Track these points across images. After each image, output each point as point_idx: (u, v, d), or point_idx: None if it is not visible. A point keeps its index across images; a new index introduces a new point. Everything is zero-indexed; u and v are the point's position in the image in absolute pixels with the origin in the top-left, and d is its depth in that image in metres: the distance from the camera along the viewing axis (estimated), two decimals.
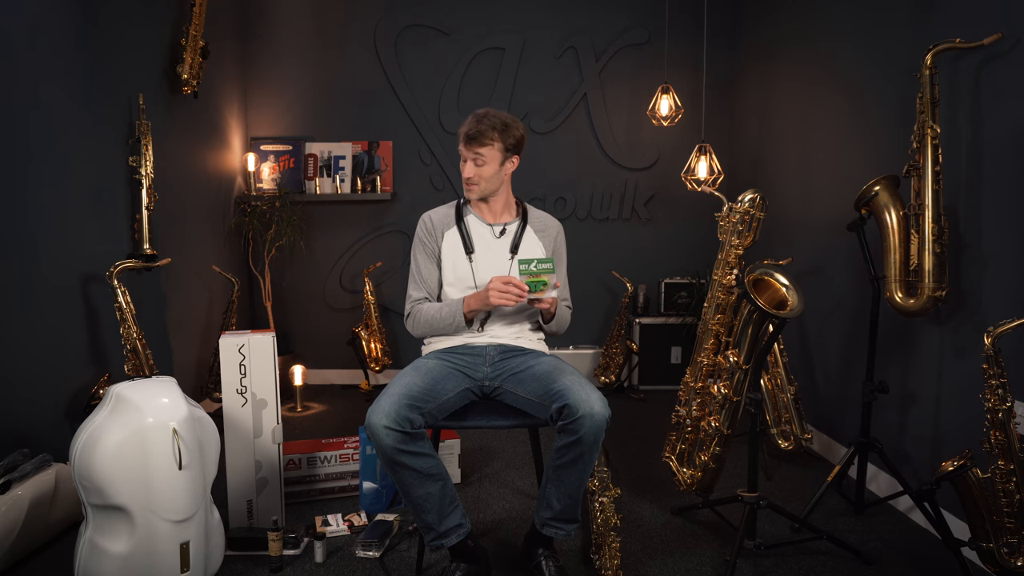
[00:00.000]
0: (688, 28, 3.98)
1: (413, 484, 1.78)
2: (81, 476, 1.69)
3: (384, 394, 1.81)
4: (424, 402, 1.81)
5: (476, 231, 2.11)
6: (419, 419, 1.77)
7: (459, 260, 2.09)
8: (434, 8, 4.08)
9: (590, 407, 1.73)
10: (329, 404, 3.81)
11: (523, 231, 2.13)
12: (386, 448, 1.73)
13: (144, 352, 2.66)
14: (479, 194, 2.07)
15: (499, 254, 2.09)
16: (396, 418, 1.72)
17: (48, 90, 2.44)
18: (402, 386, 1.83)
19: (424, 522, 1.84)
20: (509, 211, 2.16)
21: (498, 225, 2.12)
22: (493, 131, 2.00)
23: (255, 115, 4.16)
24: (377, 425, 1.72)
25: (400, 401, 1.76)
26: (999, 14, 2.01)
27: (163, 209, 3.06)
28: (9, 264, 2.26)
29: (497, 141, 2.01)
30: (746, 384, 2.12)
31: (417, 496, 1.79)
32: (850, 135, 2.82)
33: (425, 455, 1.78)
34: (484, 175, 2.04)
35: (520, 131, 2.07)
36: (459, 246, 2.10)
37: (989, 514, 1.81)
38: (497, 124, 2.01)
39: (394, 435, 1.72)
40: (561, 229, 2.21)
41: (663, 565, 2.06)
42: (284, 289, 4.21)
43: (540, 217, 2.20)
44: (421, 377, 1.89)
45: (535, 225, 2.16)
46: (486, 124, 2.01)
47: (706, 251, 4.05)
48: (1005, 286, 2.01)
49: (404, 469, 1.76)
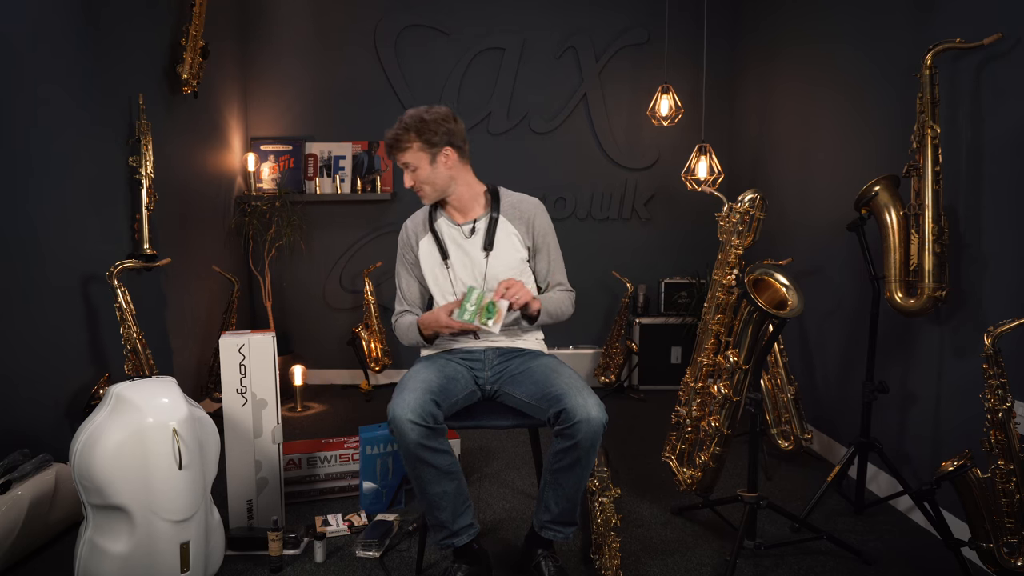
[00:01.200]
0: (688, 28, 3.98)
1: (431, 481, 1.77)
2: (81, 476, 1.69)
3: (405, 388, 1.78)
4: (442, 398, 1.80)
5: (448, 235, 2.05)
6: (440, 414, 1.76)
7: (437, 268, 2.05)
8: (434, 8, 4.08)
9: (587, 412, 1.72)
10: (329, 404, 3.81)
11: (495, 224, 2.01)
12: (409, 443, 1.70)
13: (144, 352, 2.66)
14: (432, 198, 2.02)
15: (472, 255, 2.01)
16: (421, 412, 1.70)
17: (49, 91, 2.44)
18: (422, 381, 1.81)
19: (437, 520, 1.82)
20: (478, 204, 2.05)
21: (467, 224, 2.03)
22: (408, 133, 1.92)
23: (255, 115, 4.16)
24: (402, 419, 1.69)
25: (424, 396, 1.74)
26: (999, 14, 2.01)
27: (163, 209, 3.06)
28: (9, 264, 2.26)
29: (415, 141, 1.92)
30: (746, 384, 2.12)
31: (434, 493, 1.78)
32: (850, 135, 2.82)
33: (445, 452, 1.77)
34: (421, 178, 1.97)
35: (444, 122, 1.93)
36: (435, 253, 2.05)
37: (989, 514, 1.81)
38: (412, 124, 1.92)
39: (419, 430, 1.70)
40: (539, 210, 2.06)
41: (663, 565, 2.06)
42: (284, 289, 4.21)
43: (513, 201, 2.06)
44: (436, 373, 1.88)
45: (508, 212, 2.03)
46: (400, 128, 1.93)
47: (706, 251, 4.04)
48: (1005, 286, 2.01)
49: (424, 465, 1.74)
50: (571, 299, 2.09)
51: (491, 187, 2.08)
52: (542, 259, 2.07)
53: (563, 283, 2.10)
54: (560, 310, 2.04)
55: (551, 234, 2.08)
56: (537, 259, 2.07)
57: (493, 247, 2.00)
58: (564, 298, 2.06)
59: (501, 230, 2.02)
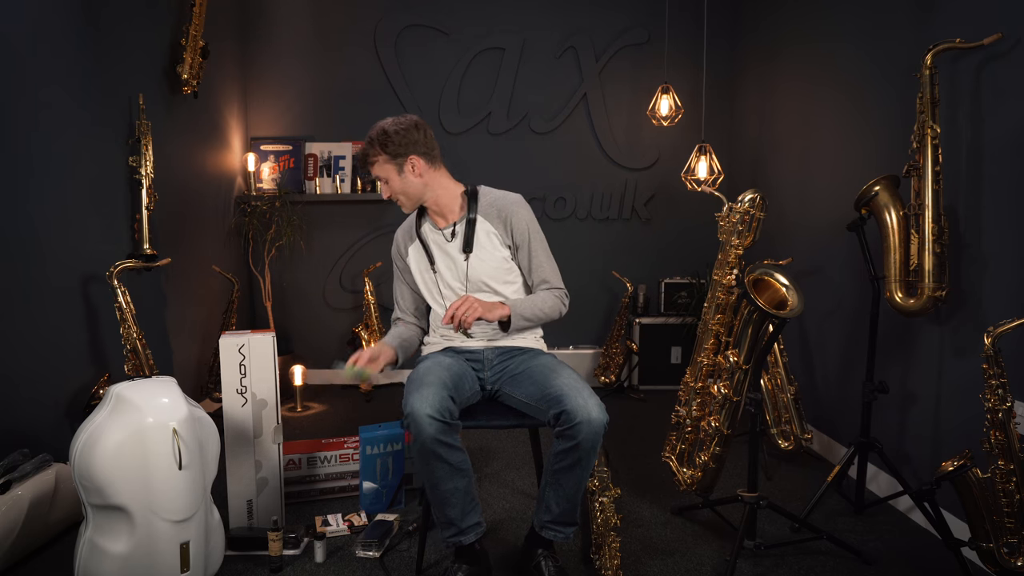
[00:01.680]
0: (688, 28, 3.98)
1: (443, 478, 1.76)
2: (81, 476, 1.69)
3: (423, 384, 1.77)
4: (456, 395, 1.81)
5: (432, 240, 2.06)
6: (456, 411, 1.77)
7: (426, 275, 2.08)
8: (434, 8, 4.08)
9: (588, 413, 1.71)
10: (329, 404, 3.81)
11: (473, 225, 2.00)
12: (426, 438, 1.69)
13: (144, 352, 2.66)
14: (410, 207, 2.04)
15: (455, 258, 2.02)
16: (439, 408, 1.70)
17: (49, 91, 2.44)
18: (437, 377, 1.81)
19: (447, 517, 1.82)
20: (457, 206, 2.04)
21: (448, 228, 2.03)
22: (372, 147, 1.95)
23: (255, 115, 4.16)
24: (421, 414, 1.68)
25: (441, 391, 1.74)
26: (999, 14, 2.01)
27: (163, 209, 3.06)
28: (9, 264, 2.26)
29: (380, 155, 1.94)
30: (746, 384, 2.12)
31: (445, 490, 1.78)
32: (850, 135, 2.82)
33: (459, 448, 1.77)
34: (396, 190, 1.98)
35: (407, 132, 1.93)
36: (423, 259, 2.07)
37: (989, 514, 1.81)
38: (375, 138, 1.94)
39: (437, 425, 1.69)
40: (518, 206, 2.01)
41: (663, 565, 2.06)
42: (284, 289, 4.21)
43: (491, 200, 2.03)
44: (447, 372, 1.88)
45: (485, 211, 2.01)
46: (366, 143, 1.96)
47: (706, 251, 4.04)
48: (1005, 286, 2.01)
49: (439, 461, 1.74)
50: (558, 297, 2.03)
51: (470, 188, 2.05)
52: (523, 256, 2.03)
53: (549, 280, 2.04)
54: (541, 311, 1.97)
55: (533, 230, 2.03)
56: (519, 256, 2.04)
57: (472, 248, 2.00)
58: (547, 298, 2.00)
59: (480, 230, 2.00)
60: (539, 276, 2.04)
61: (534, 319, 1.97)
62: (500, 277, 2.02)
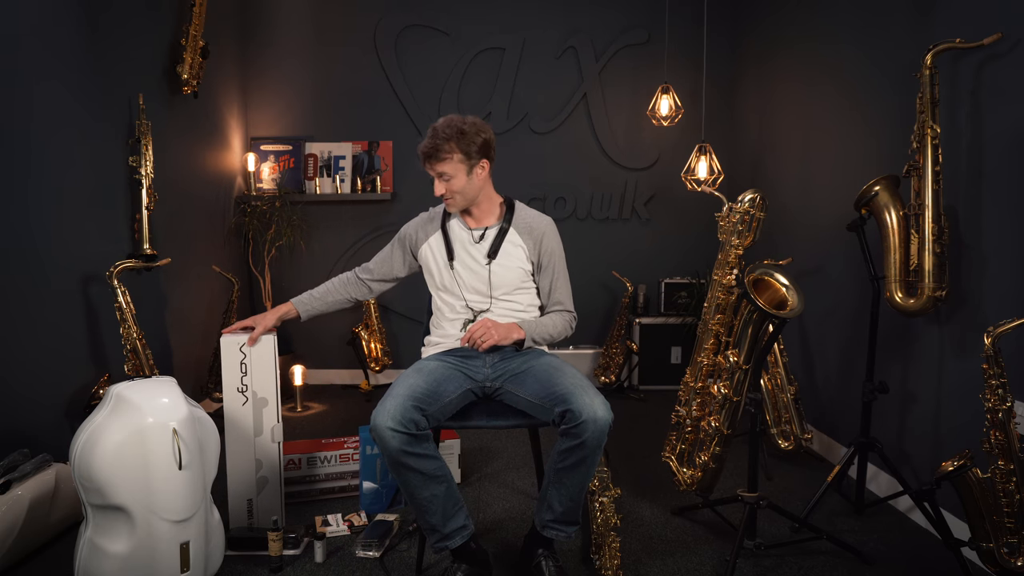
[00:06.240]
0: (688, 28, 3.99)
1: (418, 486, 1.77)
2: (81, 476, 1.69)
3: (388, 395, 1.79)
4: (428, 403, 1.80)
5: (457, 236, 2.08)
6: (423, 420, 1.76)
7: (443, 267, 2.09)
8: (434, 8, 4.08)
9: (593, 412, 1.72)
10: (329, 404, 3.81)
11: (504, 235, 2.05)
12: (391, 450, 1.72)
13: (144, 352, 2.66)
14: (460, 207, 2.04)
15: (477, 259, 2.05)
16: (402, 420, 1.71)
17: (49, 91, 2.44)
18: (406, 387, 1.82)
19: (428, 524, 1.83)
20: (492, 214, 2.09)
21: (478, 230, 2.07)
22: (448, 143, 1.92)
23: (255, 115, 4.16)
24: (383, 427, 1.71)
25: (405, 403, 1.75)
26: (999, 14, 2.01)
27: (163, 209, 3.06)
28: (9, 264, 2.26)
29: (456, 152, 1.93)
30: (746, 384, 2.12)
31: (422, 498, 1.79)
32: (850, 135, 2.82)
33: (430, 457, 1.77)
34: (455, 188, 1.98)
35: (482, 134, 1.96)
36: (442, 252, 2.09)
37: (989, 514, 1.81)
38: (452, 134, 1.92)
39: (400, 437, 1.71)
40: (551, 229, 2.10)
41: (663, 565, 2.06)
42: (284, 289, 4.21)
43: (527, 217, 2.10)
44: (424, 378, 1.88)
45: (519, 225, 2.07)
46: (440, 138, 1.93)
47: (706, 251, 4.04)
48: (1005, 286, 2.01)
49: (409, 471, 1.75)
50: (568, 321, 2.11)
51: (507, 199, 2.12)
52: (545, 278, 2.11)
53: (563, 303, 2.12)
54: (550, 334, 2.08)
55: (558, 254, 2.11)
56: (541, 277, 2.11)
57: (497, 256, 2.04)
58: (558, 322, 2.09)
59: (509, 241, 2.06)
60: (555, 298, 2.12)
61: (543, 341, 2.09)
62: (517, 285, 2.08)
